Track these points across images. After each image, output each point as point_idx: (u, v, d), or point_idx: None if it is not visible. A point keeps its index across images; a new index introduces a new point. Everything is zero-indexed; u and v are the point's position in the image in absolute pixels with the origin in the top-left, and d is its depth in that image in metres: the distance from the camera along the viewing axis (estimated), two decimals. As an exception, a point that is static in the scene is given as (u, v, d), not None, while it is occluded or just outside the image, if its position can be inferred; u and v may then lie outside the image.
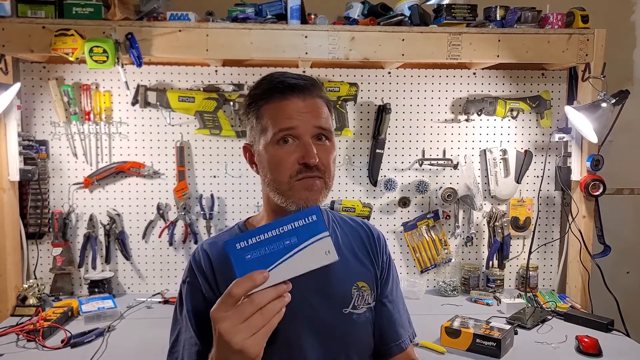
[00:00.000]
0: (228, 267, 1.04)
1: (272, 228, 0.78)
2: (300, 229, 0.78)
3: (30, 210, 2.10)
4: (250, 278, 0.74)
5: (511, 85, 2.26)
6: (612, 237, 2.18)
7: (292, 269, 0.77)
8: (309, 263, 0.78)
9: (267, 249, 0.77)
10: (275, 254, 0.77)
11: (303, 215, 0.79)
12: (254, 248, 0.77)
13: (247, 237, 0.78)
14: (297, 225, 0.79)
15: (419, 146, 2.26)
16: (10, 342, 1.69)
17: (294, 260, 0.77)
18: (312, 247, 0.78)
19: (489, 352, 1.62)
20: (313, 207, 0.80)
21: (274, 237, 0.78)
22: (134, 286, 2.22)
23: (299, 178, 0.98)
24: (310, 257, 0.78)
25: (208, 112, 2.12)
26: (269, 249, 0.77)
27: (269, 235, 0.78)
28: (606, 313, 1.97)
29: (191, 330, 1.01)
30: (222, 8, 2.01)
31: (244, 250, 0.77)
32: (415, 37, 1.96)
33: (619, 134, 2.21)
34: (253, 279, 0.73)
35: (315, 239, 0.78)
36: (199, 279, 1.04)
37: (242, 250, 0.77)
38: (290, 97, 0.99)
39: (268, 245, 0.78)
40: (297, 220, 0.79)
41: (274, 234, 0.78)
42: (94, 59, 1.82)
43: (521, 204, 2.27)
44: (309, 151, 0.97)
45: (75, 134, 2.13)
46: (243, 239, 0.77)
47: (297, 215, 0.79)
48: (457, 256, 2.30)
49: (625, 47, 2.40)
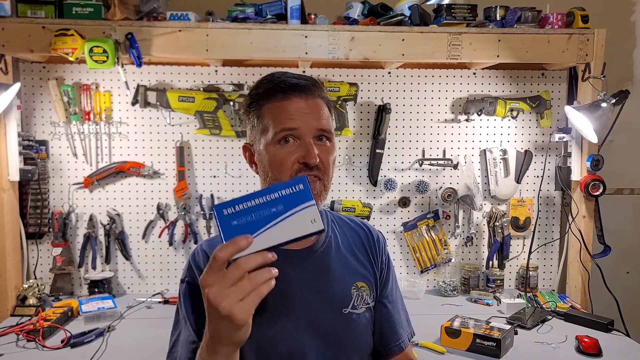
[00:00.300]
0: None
1: (259, 195, 0.79)
2: (287, 197, 0.79)
3: (30, 210, 2.10)
4: (234, 242, 0.74)
5: (511, 85, 2.26)
6: (612, 237, 2.18)
7: (278, 236, 0.78)
8: (294, 231, 0.79)
9: (253, 215, 0.78)
10: (261, 220, 0.78)
11: (290, 183, 0.80)
12: (241, 215, 0.78)
13: (235, 203, 0.79)
14: (284, 194, 0.79)
15: (419, 146, 2.26)
16: (10, 342, 1.69)
17: (279, 227, 0.78)
18: (298, 215, 0.79)
19: (489, 352, 1.62)
20: (301, 177, 0.81)
21: (260, 204, 0.79)
22: (134, 286, 2.22)
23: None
24: (296, 224, 0.79)
25: (208, 112, 2.12)
26: (256, 215, 0.78)
27: (255, 203, 0.79)
28: (606, 313, 1.97)
29: (190, 328, 1.01)
30: (222, 8, 2.01)
31: (231, 216, 0.78)
32: (415, 37, 1.96)
33: (619, 134, 2.22)
34: (237, 243, 0.74)
35: (301, 207, 0.79)
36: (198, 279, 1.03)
37: (229, 216, 0.78)
38: (292, 97, 1.00)
39: (255, 212, 0.78)
40: (284, 189, 0.80)
41: (261, 201, 0.79)
42: (94, 59, 1.82)
43: (521, 204, 2.27)
44: (310, 151, 0.97)
45: (75, 134, 2.13)
46: (230, 205, 0.78)
47: (284, 184, 0.80)
48: (457, 256, 2.30)
49: (625, 47, 2.40)
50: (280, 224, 0.78)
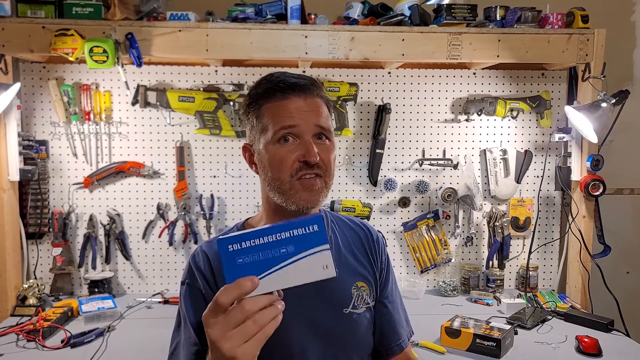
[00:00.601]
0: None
1: (268, 233, 0.73)
2: (299, 238, 0.73)
3: (30, 210, 2.10)
4: (238, 285, 0.69)
5: (511, 85, 2.26)
6: (612, 237, 2.18)
7: (285, 280, 0.72)
8: (303, 276, 0.73)
9: (261, 254, 0.72)
10: (269, 261, 0.72)
11: (304, 223, 0.73)
12: (248, 252, 0.72)
13: (241, 239, 0.72)
14: (296, 234, 0.73)
15: (419, 146, 2.26)
16: (10, 342, 1.69)
17: (288, 270, 0.72)
18: (310, 258, 0.73)
19: (489, 352, 1.62)
20: (316, 216, 0.75)
21: (269, 243, 0.72)
22: (134, 286, 2.22)
23: (299, 177, 0.99)
24: (306, 269, 0.73)
25: (208, 112, 2.12)
26: (263, 255, 0.72)
27: (264, 241, 0.72)
28: (606, 313, 1.97)
29: (190, 330, 1.01)
30: (222, 8, 2.01)
31: (237, 253, 0.72)
32: (415, 37, 1.96)
33: (619, 134, 2.22)
34: (241, 287, 0.69)
35: (313, 250, 0.73)
36: (199, 280, 1.04)
37: (235, 252, 0.72)
38: (291, 97, 1.00)
39: (263, 250, 0.72)
40: (296, 228, 0.73)
41: (270, 239, 0.72)
42: (94, 59, 1.82)
43: (521, 204, 2.27)
44: (310, 150, 0.97)
45: (75, 134, 2.13)
46: (236, 241, 0.72)
47: (297, 223, 0.73)
48: (457, 256, 2.30)
49: (625, 47, 2.40)
50: (289, 267, 0.72)
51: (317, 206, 1.04)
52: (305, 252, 0.73)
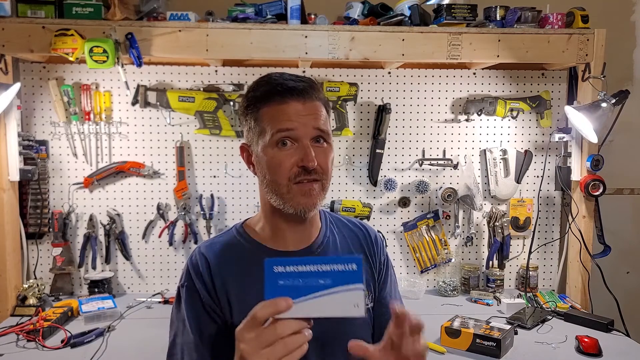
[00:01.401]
0: (225, 270, 1.05)
1: (311, 262, 0.79)
2: (338, 274, 0.78)
3: (30, 210, 2.10)
4: (274, 303, 0.75)
5: (511, 85, 2.26)
6: (612, 237, 2.18)
7: (317, 310, 0.77)
8: (334, 309, 0.78)
9: (300, 281, 0.78)
10: (306, 289, 0.78)
11: (345, 260, 0.79)
12: (289, 277, 0.78)
13: (286, 263, 0.78)
14: (336, 269, 0.78)
15: (419, 146, 2.26)
16: (10, 342, 1.69)
17: (321, 301, 0.78)
18: (343, 294, 0.78)
19: (489, 352, 1.62)
20: (356, 257, 0.80)
21: (310, 272, 0.78)
22: (134, 286, 2.22)
23: (297, 181, 0.99)
24: (338, 303, 0.78)
25: (208, 112, 2.12)
26: (303, 282, 0.78)
27: (306, 269, 0.78)
28: (606, 313, 1.97)
29: (190, 334, 1.01)
30: (222, 8, 2.01)
31: (280, 275, 0.78)
32: (415, 37, 1.96)
33: (619, 134, 2.22)
34: (277, 305, 0.75)
35: (348, 287, 0.78)
36: (197, 283, 1.04)
37: (278, 274, 0.78)
38: (290, 101, 0.99)
39: (303, 278, 0.78)
40: (337, 264, 0.79)
41: (312, 269, 0.78)
42: (94, 59, 1.82)
43: (521, 204, 2.27)
44: (308, 155, 0.97)
45: (75, 134, 2.13)
46: (282, 264, 0.78)
47: (339, 259, 0.79)
48: (457, 256, 2.30)
49: (625, 47, 2.40)
50: (323, 298, 0.78)
51: (315, 209, 1.04)
52: (341, 287, 0.78)
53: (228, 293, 1.03)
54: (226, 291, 1.03)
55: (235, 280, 1.04)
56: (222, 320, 1.03)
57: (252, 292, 1.03)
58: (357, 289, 0.78)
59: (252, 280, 1.05)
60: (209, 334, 1.01)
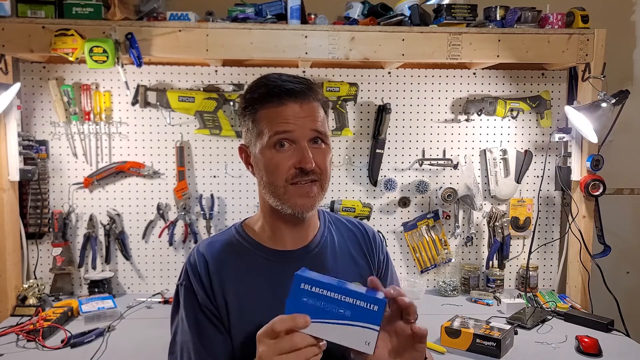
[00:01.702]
0: (224, 269, 1.05)
1: (337, 291, 0.82)
2: (359, 309, 0.82)
3: (30, 210, 2.10)
4: (293, 319, 0.79)
5: (511, 85, 2.26)
6: (612, 237, 2.18)
7: (329, 334, 0.81)
8: (346, 339, 0.82)
9: (323, 304, 0.82)
10: (326, 313, 0.82)
11: (370, 300, 0.82)
12: (314, 297, 0.82)
13: (315, 284, 0.82)
14: (358, 304, 0.82)
15: (419, 146, 2.26)
16: (10, 342, 1.69)
17: (337, 328, 0.81)
18: (359, 329, 0.82)
19: (489, 352, 1.62)
20: (382, 299, 0.83)
21: (334, 299, 0.82)
22: (134, 286, 2.22)
23: (295, 182, 0.99)
24: (351, 335, 0.82)
25: (208, 112, 2.12)
26: (324, 305, 0.82)
27: (331, 295, 0.82)
28: (606, 313, 1.97)
29: (188, 333, 1.02)
30: (222, 8, 2.00)
31: (305, 292, 0.82)
32: (415, 37, 1.96)
33: (619, 134, 2.22)
34: (295, 321, 0.79)
35: (365, 324, 0.82)
36: (194, 284, 1.05)
37: (304, 291, 0.82)
38: (287, 102, 0.99)
39: (326, 302, 0.82)
40: (361, 300, 0.82)
41: (336, 297, 0.82)
42: (94, 59, 1.82)
43: (521, 204, 2.27)
44: (305, 156, 0.98)
45: (75, 134, 2.13)
46: (310, 283, 0.82)
47: (364, 296, 0.82)
48: (457, 256, 2.30)
49: (625, 47, 2.40)
50: (339, 327, 0.81)
51: (313, 210, 1.04)
52: (358, 322, 0.82)
53: (225, 292, 1.04)
54: (223, 290, 1.04)
55: (233, 280, 1.05)
56: (219, 319, 1.03)
57: (250, 292, 1.04)
58: (372, 330, 0.82)
59: (250, 279, 1.05)
60: (206, 333, 1.02)
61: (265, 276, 1.05)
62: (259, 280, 1.05)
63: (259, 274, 1.06)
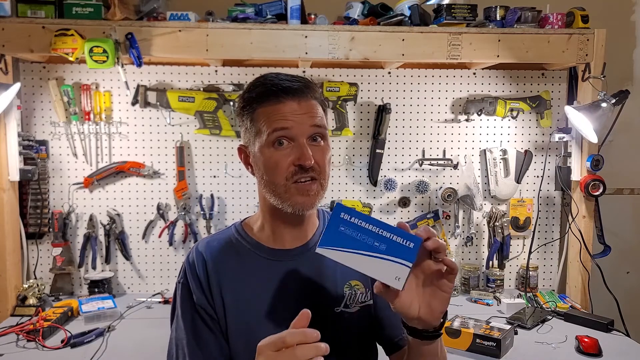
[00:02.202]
0: (222, 268, 1.05)
1: (375, 224, 0.83)
2: (395, 244, 0.82)
3: (30, 210, 2.10)
4: (304, 334, 0.78)
5: (511, 85, 2.26)
6: (612, 237, 2.18)
7: (362, 265, 0.82)
8: (378, 272, 0.82)
9: (359, 235, 0.82)
10: (361, 243, 0.82)
11: (406, 236, 0.82)
12: (351, 226, 0.82)
13: (354, 214, 0.83)
14: (395, 240, 0.82)
15: (419, 146, 2.26)
16: (10, 342, 1.69)
17: (369, 260, 0.82)
18: (391, 263, 0.81)
19: (489, 352, 1.62)
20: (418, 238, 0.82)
21: (371, 232, 0.82)
22: (134, 286, 2.22)
23: (295, 180, 0.99)
24: (383, 268, 0.82)
25: (208, 112, 2.12)
26: (361, 237, 0.82)
27: (368, 227, 0.82)
28: (606, 313, 1.97)
29: (183, 331, 1.03)
30: (222, 8, 2.00)
31: (343, 222, 0.83)
32: (415, 37, 1.96)
33: (619, 134, 2.21)
34: (306, 336, 0.78)
35: (399, 259, 0.82)
36: (191, 283, 1.05)
37: (342, 221, 0.83)
38: (285, 100, 0.99)
39: (363, 233, 0.82)
40: (398, 236, 0.82)
41: (373, 230, 0.82)
42: (94, 59, 1.82)
43: (521, 204, 2.27)
44: (304, 153, 0.97)
45: (75, 134, 2.13)
46: (349, 213, 0.83)
47: (402, 233, 0.83)
48: (457, 256, 2.30)
49: (625, 47, 2.40)
50: (372, 259, 0.82)
51: (313, 209, 1.05)
52: (392, 256, 0.82)
53: (223, 291, 1.04)
54: (221, 289, 1.04)
55: (232, 279, 1.05)
56: (214, 319, 1.04)
57: (247, 290, 1.04)
58: (405, 265, 0.81)
59: (248, 278, 1.05)
60: (200, 332, 1.03)
61: (263, 275, 1.05)
62: (257, 279, 1.05)
63: (257, 273, 1.06)
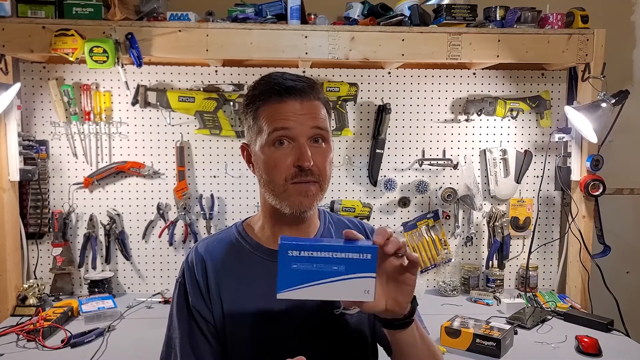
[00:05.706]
0: (221, 269, 1.05)
1: (326, 249, 0.80)
2: (352, 261, 0.80)
3: (30, 210, 2.10)
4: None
5: (511, 85, 2.26)
6: (612, 237, 2.18)
7: (329, 293, 0.80)
8: (346, 293, 0.80)
9: (315, 266, 0.80)
10: (320, 273, 0.80)
11: (360, 250, 0.81)
12: (303, 260, 0.79)
13: (301, 248, 0.80)
14: (350, 257, 0.80)
15: (419, 146, 2.26)
16: (10, 342, 1.69)
17: (334, 285, 0.80)
18: (356, 281, 0.80)
19: (489, 352, 1.62)
20: (373, 246, 0.81)
21: (325, 258, 0.80)
22: (134, 286, 2.22)
23: (294, 181, 0.98)
24: (350, 288, 0.80)
25: (208, 112, 2.12)
26: (317, 267, 0.80)
27: (321, 255, 0.80)
28: (606, 313, 1.97)
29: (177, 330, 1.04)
30: (222, 8, 2.01)
31: (294, 259, 0.79)
32: (415, 37, 1.96)
33: (619, 134, 2.21)
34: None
35: (361, 275, 0.80)
36: (188, 284, 1.06)
37: (292, 258, 0.79)
38: (288, 100, 0.99)
39: (317, 263, 0.80)
40: (352, 253, 0.80)
41: (327, 255, 0.80)
42: (94, 59, 1.82)
43: (521, 204, 2.27)
44: (304, 154, 0.97)
45: (75, 134, 2.13)
46: (297, 248, 0.79)
47: (355, 248, 0.81)
48: (457, 256, 2.30)
49: (625, 47, 2.40)
50: (336, 283, 0.80)
51: (312, 210, 1.04)
52: (354, 274, 0.80)
53: (221, 291, 1.04)
54: (219, 289, 1.04)
55: (230, 280, 1.05)
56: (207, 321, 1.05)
57: (246, 293, 1.04)
58: (369, 277, 0.80)
59: (247, 280, 1.05)
60: (193, 332, 1.04)
61: (262, 276, 1.05)
62: (256, 280, 1.05)
63: (256, 274, 1.06)
